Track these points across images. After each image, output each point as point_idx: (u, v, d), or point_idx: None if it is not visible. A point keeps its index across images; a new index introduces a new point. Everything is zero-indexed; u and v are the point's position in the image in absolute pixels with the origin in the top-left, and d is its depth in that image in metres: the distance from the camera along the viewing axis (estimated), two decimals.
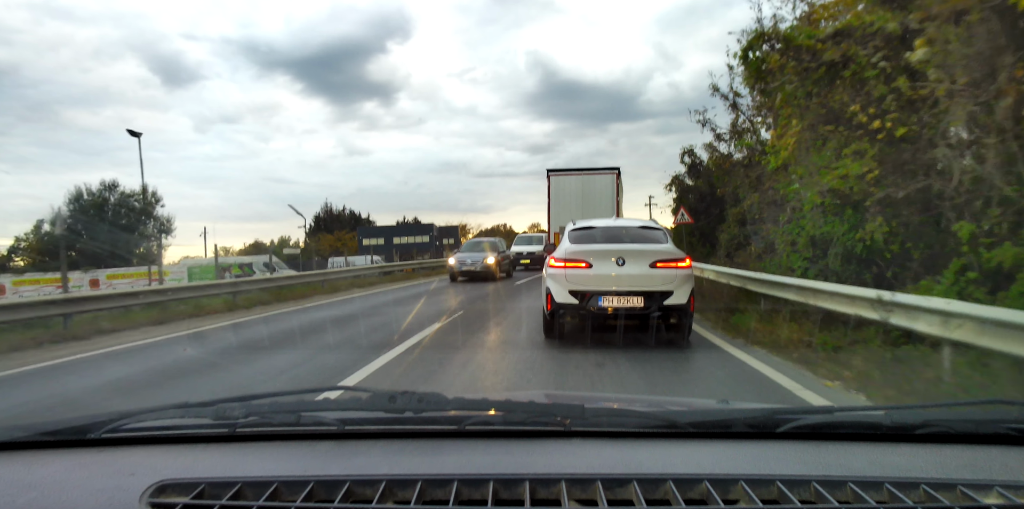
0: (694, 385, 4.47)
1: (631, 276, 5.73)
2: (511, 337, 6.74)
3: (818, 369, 4.75)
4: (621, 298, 5.71)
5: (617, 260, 5.79)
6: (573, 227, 6.77)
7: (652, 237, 6.45)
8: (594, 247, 6.04)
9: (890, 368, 4.41)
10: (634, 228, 6.73)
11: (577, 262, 5.86)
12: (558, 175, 15.57)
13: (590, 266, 5.81)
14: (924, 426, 1.01)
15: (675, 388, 4.35)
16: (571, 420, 1.02)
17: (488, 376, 4.79)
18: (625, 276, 5.74)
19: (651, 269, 5.73)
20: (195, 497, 0.82)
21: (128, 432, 1.05)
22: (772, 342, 5.84)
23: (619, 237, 6.45)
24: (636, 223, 7.04)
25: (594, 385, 4.39)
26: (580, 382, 4.49)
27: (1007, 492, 0.81)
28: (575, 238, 6.45)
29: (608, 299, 5.73)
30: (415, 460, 0.94)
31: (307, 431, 1.05)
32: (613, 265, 5.79)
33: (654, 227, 6.82)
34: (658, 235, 6.54)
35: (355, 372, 4.93)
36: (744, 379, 4.57)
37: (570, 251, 6.01)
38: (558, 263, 5.97)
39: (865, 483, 0.83)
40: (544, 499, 0.82)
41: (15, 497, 0.83)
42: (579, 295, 5.78)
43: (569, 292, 5.81)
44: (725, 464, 0.91)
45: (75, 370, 5.65)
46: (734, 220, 13.79)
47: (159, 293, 10.45)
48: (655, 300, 5.67)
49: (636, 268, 5.74)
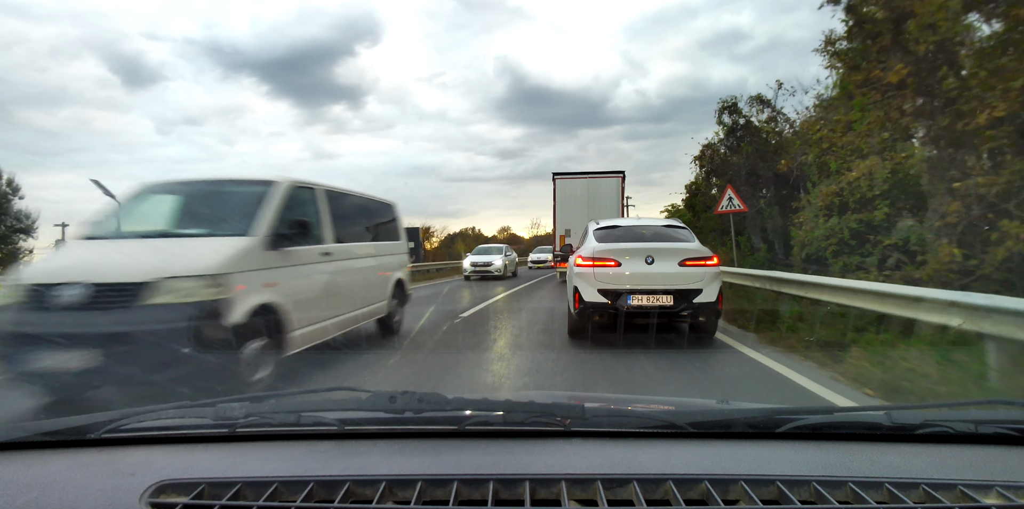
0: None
1: (661, 274, 5.70)
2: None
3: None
4: (651, 297, 5.67)
5: (647, 258, 5.75)
6: (597, 226, 6.73)
7: (678, 236, 6.43)
8: (624, 246, 5.97)
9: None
10: (659, 227, 6.71)
11: (606, 261, 5.80)
12: (564, 178, 15.63)
13: (619, 265, 5.77)
14: (924, 426, 1.01)
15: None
16: (571, 420, 1.02)
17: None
18: (655, 274, 5.71)
19: (680, 267, 5.71)
20: (195, 497, 0.82)
21: (128, 432, 1.05)
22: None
23: (645, 236, 6.42)
24: (660, 222, 7.01)
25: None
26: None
27: (1007, 492, 0.81)
28: (601, 237, 6.38)
29: (638, 298, 5.68)
30: (415, 460, 0.94)
31: (307, 431, 1.05)
32: (642, 264, 5.75)
33: (679, 226, 6.80)
34: (684, 234, 6.52)
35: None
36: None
37: (599, 250, 5.91)
38: (586, 262, 5.87)
39: (865, 483, 0.83)
40: (544, 499, 0.82)
41: (15, 497, 0.83)
42: (609, 294, 5.72)
43: (598, 291, 5.75)
44: (725, 464, 0.91)
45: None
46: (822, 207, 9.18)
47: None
48: (685, 298, 5.64)
49: (665, 266, 5.72)
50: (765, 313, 7.49)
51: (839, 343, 5.43)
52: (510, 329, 7.50)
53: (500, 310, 9.71)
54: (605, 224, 6.79)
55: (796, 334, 6.21)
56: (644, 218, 8.35)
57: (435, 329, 7.30)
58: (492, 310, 9.65)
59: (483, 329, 7.42)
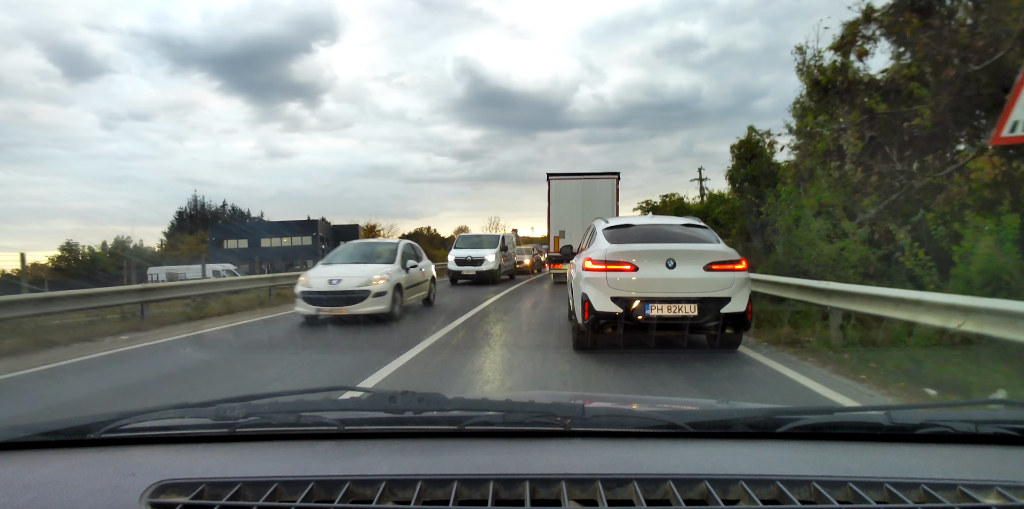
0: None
1: (684, 280, 5.01)
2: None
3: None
4: (673, 306, 4.97)
5: (667, 262, 5.06)
6: (607, 225, 5.97)
7: (700, 236, 5.70)
8: (641, 247, 5.26)
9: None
10: (678, 226, 5.96)
11: (621, 264, 5.08)
12: (558, 179, 15.57)
13: (635, 269, 5.06)
14: (924, 426, 1.01)
15: None
16: (571, 420, 1.02)
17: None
18: (677, 280, 5.01)
19: (706, 272, 5.04)
20: (195, 497, 0.82)
21: (128, 432, 1.05)
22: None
23: (663, 236, 5.67)
24: (678, 220, 6.27)
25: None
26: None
27: (1007, 492, 0.81)
28: (612, 237, 5.63)
29: (657, 307, 4.96)
30: (415, 460, 0.94)
31: (307, 431, 1.05)
32: (662, 267, 5.04)
33: (699, 225, 6.06)
34: (706, 234, 5.78)
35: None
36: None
37: (612, 251, 5.19)
38: (597, 265, 5.13)
39: (865, 483, 0.83)
40: (544, 499, 0.82)
41: (15, 497, 0.83)
42: (623, 302, 5.00)
43: (611, 299, 5.02)
44: (725, 464, 0.91)
45: None
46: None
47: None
48: (711, 308, 4.97)
49: (689, 271, 5.03)
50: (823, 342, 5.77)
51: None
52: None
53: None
54: (615, 223, 6.05)
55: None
56: (661, 216, 7.64)
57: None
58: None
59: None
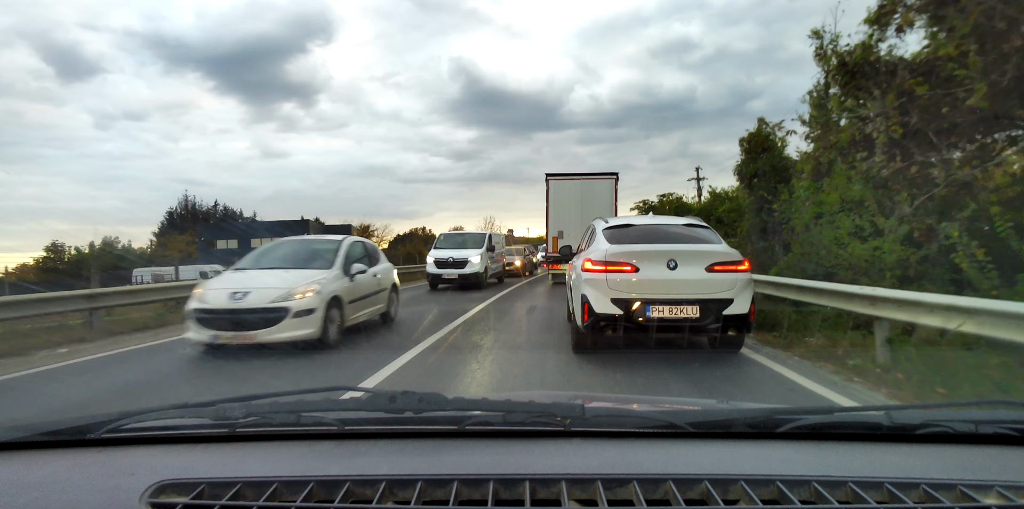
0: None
1: (686, 281, 4.98)
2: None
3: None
4: (674, 308, 4.94)
5: (669, 263, 5.03)
6: (607, 225, 5.94)
7: (702, 236, 5.66)
8: (641, 247, 5.23)
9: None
10: (678, 226, 5.93)
11: (621, 265, 5.05)
12: (557, 179, 15.54)
13: (636, 270, 5.04)
14: (924, 426, 1.01)
15: None
16: (571, 420, 1.02)
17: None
18: (679, 281, 4.98)
19: (708, 273, 5.01)
20: (195, 497, 0.82)
21: (128, 432, 1.05)
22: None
23: (664, 236, 5.63)
24: (679, 220, 6.22)
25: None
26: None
27: (1007, 492, 0.81)
28: (612, 237, 5.59)
29: (658, 309, 4.93)
30: (415, 460, 0.94)
31: (307, 431, 1.05)
32: (664, 268, 5.02)
33: (701, 225, 6.01)
34: (708, 234, 5.74)
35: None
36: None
37: (612, 252, 5.16)
38: (597, 266, 5.12)
39: (865, 483, 0.83)
40: (544, 499, 0.82)
41: (15, 497, 0.83)
42: (623, 304, 4.97)
43: (611, 300, 5.00)
44: (725, 464, 0.91)
45: None
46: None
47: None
48: (713, 310, 4.95)
49: (691, 272, 5.00)
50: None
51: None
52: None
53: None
54: (615, 223, 6.01)
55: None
56: (661, 216, 7.59)
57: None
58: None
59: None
